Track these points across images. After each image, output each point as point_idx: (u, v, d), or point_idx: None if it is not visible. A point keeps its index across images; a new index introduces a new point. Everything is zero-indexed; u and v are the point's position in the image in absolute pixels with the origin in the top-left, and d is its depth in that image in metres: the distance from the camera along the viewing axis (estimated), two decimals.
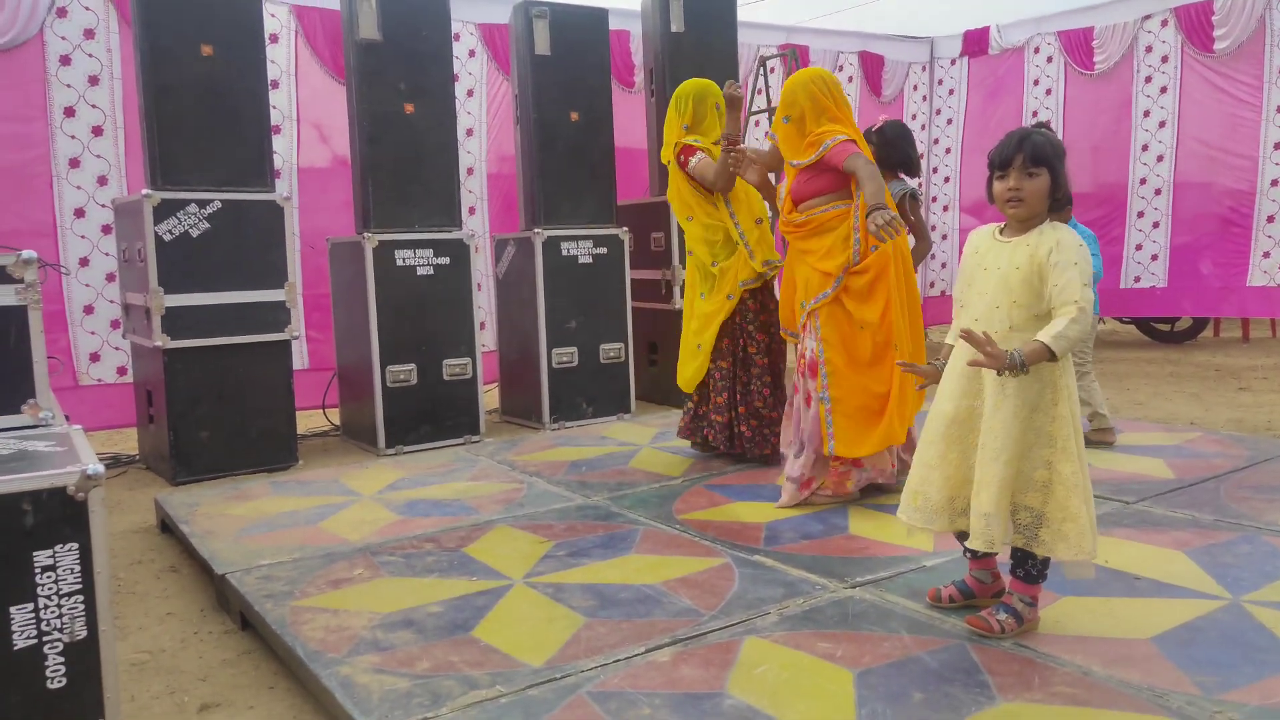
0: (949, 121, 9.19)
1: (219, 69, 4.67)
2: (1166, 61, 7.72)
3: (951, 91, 9.14)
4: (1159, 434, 4.64)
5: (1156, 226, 7.89)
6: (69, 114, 5.39)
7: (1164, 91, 7.76)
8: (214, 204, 4.63)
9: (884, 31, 8.97)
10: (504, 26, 6.52)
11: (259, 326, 4.77)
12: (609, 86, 5.99)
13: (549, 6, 5.63)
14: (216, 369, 4.69)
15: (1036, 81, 8.52)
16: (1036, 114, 8.47)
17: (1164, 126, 7.79)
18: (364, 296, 5.11)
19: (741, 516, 3.52)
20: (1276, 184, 7.25)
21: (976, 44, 8.90)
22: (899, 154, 4.08)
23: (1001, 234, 2.42)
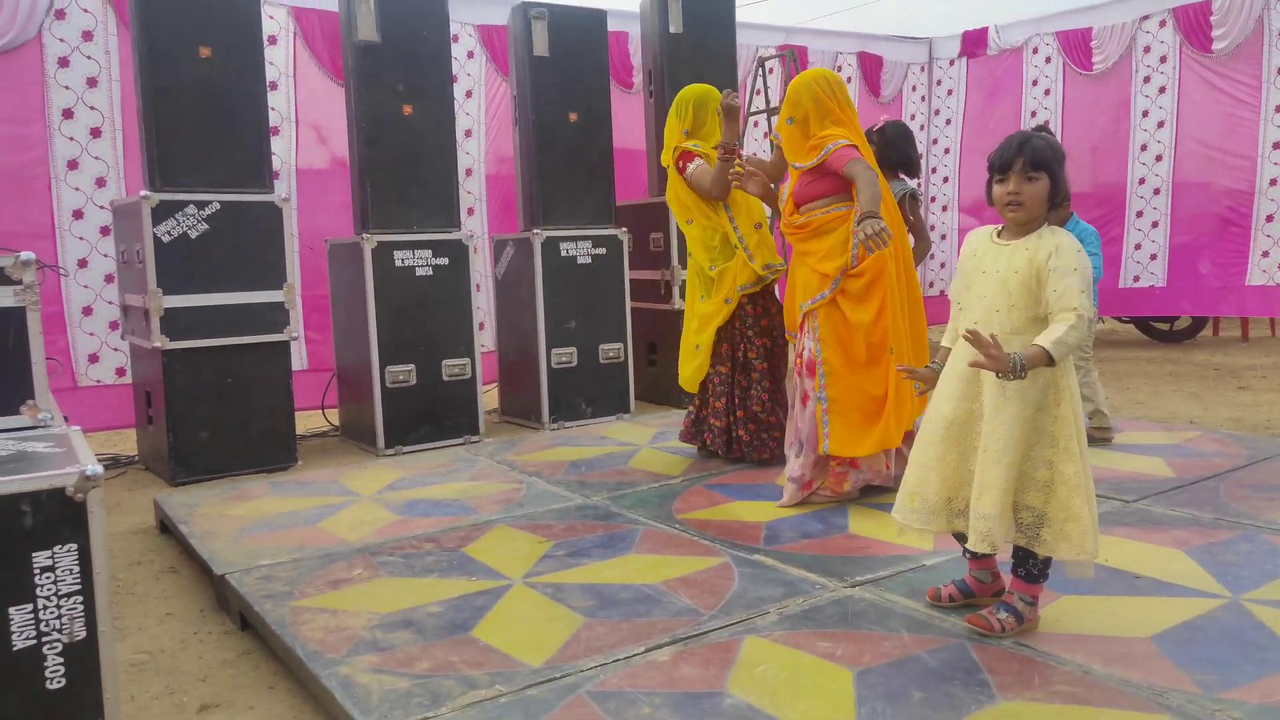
0: (948, 122, 9.20)
1: (217, 71, 4.67)
2: (1165, 61, 7.73)
3: (950, 92, 9.15)
4: (1158, 433, 4.64)
5: (1155, 226, 7.90)
6: (67, 116, 5.39)
7: (1163, 91, 7.77)
8: (212, 205, 4.63)
9: (882, 32, 8.98)
10: (502, 28, 6.52)
11: (258, 327, 4.77)
12: (607, 87, 5.99)
13: (547, 8, 5.64)
14: (215, 370, 4.69)
15: (1035, 82, 8.52)
16: (1035, 114, 8.48)
17: (1163, 126, 7.80)
18: (363, 297, 5.11)
19: (741, 516, 3.52)
20: (1275, 183, 7.26)
21: (975, 44, 8.91)
22: (899, 154, 4.09)
23: (999, 236, 2.42)
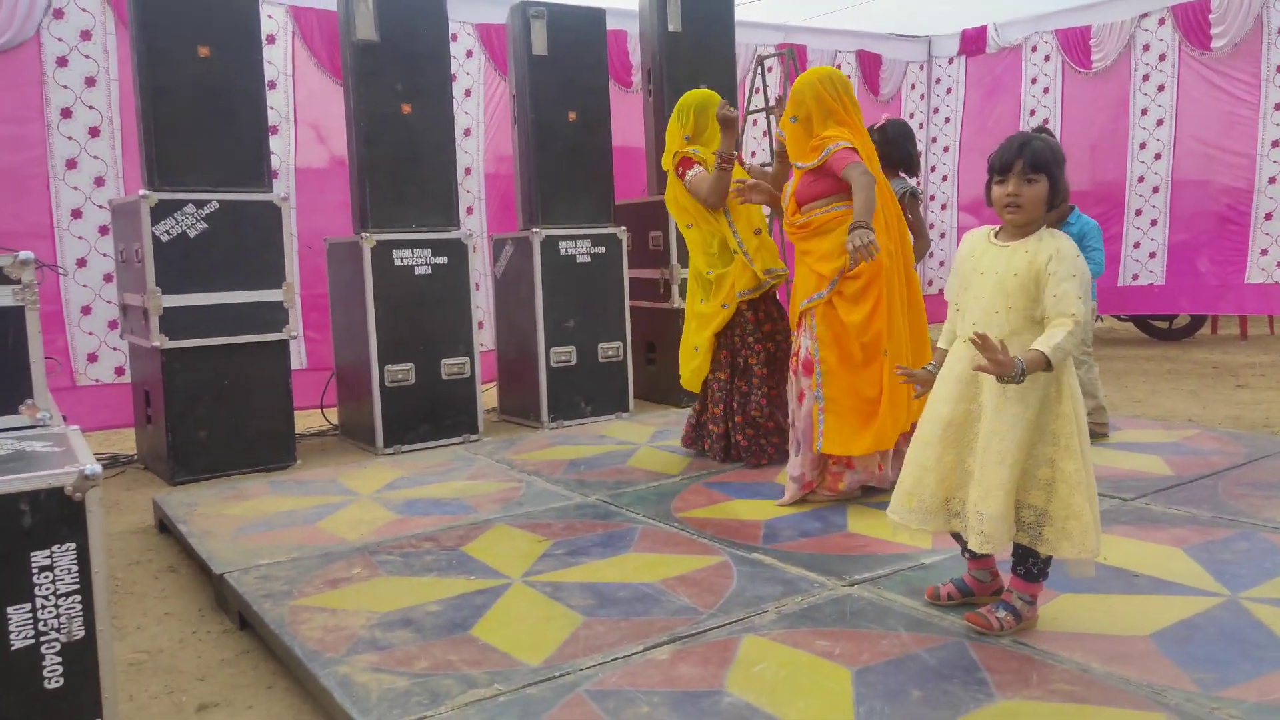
0: (947, 120, 9.20)
1: (216, 70, 4.66)
2: (1164, 60, 7.73)
3: (949, 90, 9.15)
4: (1157, 431, 4.65)
5: (1154, 224, 7.90)
6: (66, 115, 5.39)
7: (1161, 90, 7.77)
8: (211, 204, 4.63)
9: (881, 31, 8.98)
10: (501, 27, 6.52)
11: (257, 326, 4.77)
12: (606, 86, 5.99)
13: (546, 7, 5.63)
14: (214, 369, 4.69)
15: (1034, 80, 8.52)
16: (1034, 112, 8.47)
17: (1162, 125, 7.80)
18: (362, 296, 5.11)
19: (740, 514, 3.53)
20: (1274, 181, 7.26)
21: (974, 43, 8.91)
22: (900, 152, 4.10)
23: (997, 237, 2.42)
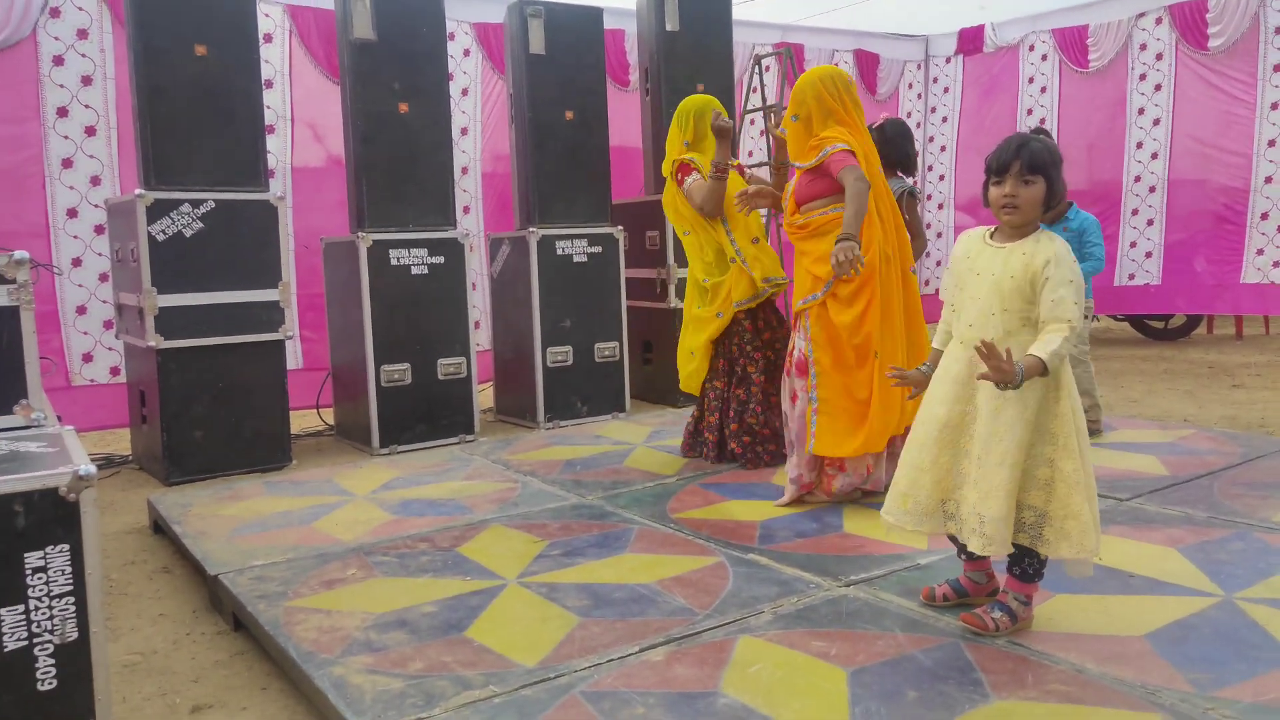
0: (944, 119, 9.21)
1: (213, 69, 4.66)
2: (1161, 59, 7.74)
3: (947, 90, 9.16)
4: (1153, 431, 4.65)
5: (1151, 224, 7.91)
6: (62, 114, 5.38)
7: (1158, 89, 7.77)
8: (207, 204, 4.62)
9: (879, 30, 8.98)
10: (499, 25, 6.51)
11: (253, 326, 4.76)
12: (604, 85, 5.98)
13: (544, 5, 5.63)
14: (210, 369, 4.68)
15: (1031, 79, 8.53)
16: (1031, 112, 8.48)
17: (1158, 124, 7.81)
18: (358, 296, 5.10)
19: (736, 515, 3.52)
20: (1270, 181, 7.27)
21: (971, 42, 8.92)
22: (898, 152, 4.10)
23: (992, 238, 2.41)
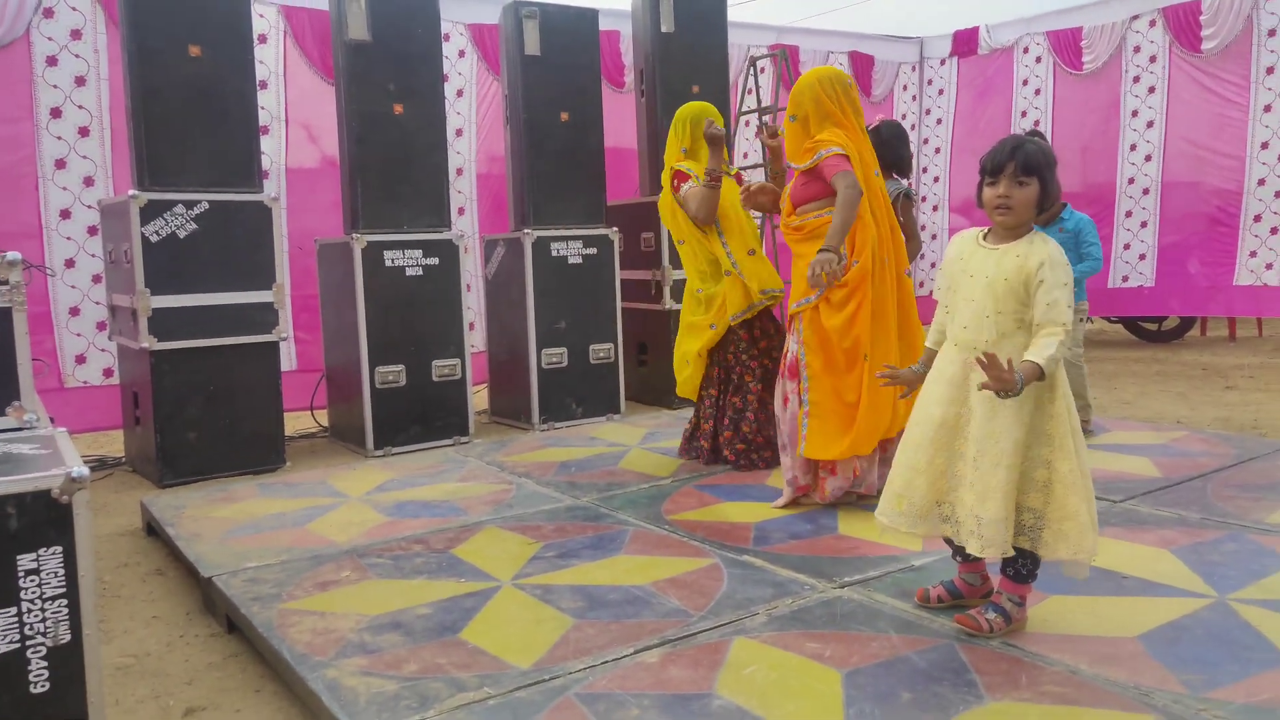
0: (939, 121, 9.22)
1: (207, 70, 4.65)
2: (1154, 61, 7.76)
3: (941, 91, 9.17)
4: (1146, 433, 4.66)
5: (1144, 226, 7.93)
6: (55, 115, 5.37)
7: (1152, 91, 7.80)
8: (201, 205, 4.61)
9: (874, 31, 9.00)
10: (494, 27, 6.51)
11: (247, 328, 4.75)
12: (599, 87, 5.99)
13: (539, 7, 5.63)
14: (204, 371, 4.67)
15: (1025, 81, 8.55)
16: (1025, 114, 8.50)
17: (1152, 126, 7.83)
18: (353, 297, 5.10)
19: (730, 517, 3.52)
20: (1263, 183, 7.29)
21: (966, 44, 8.93)
22: (893, 154, 4.11)
23: (986, 239, 2.42)
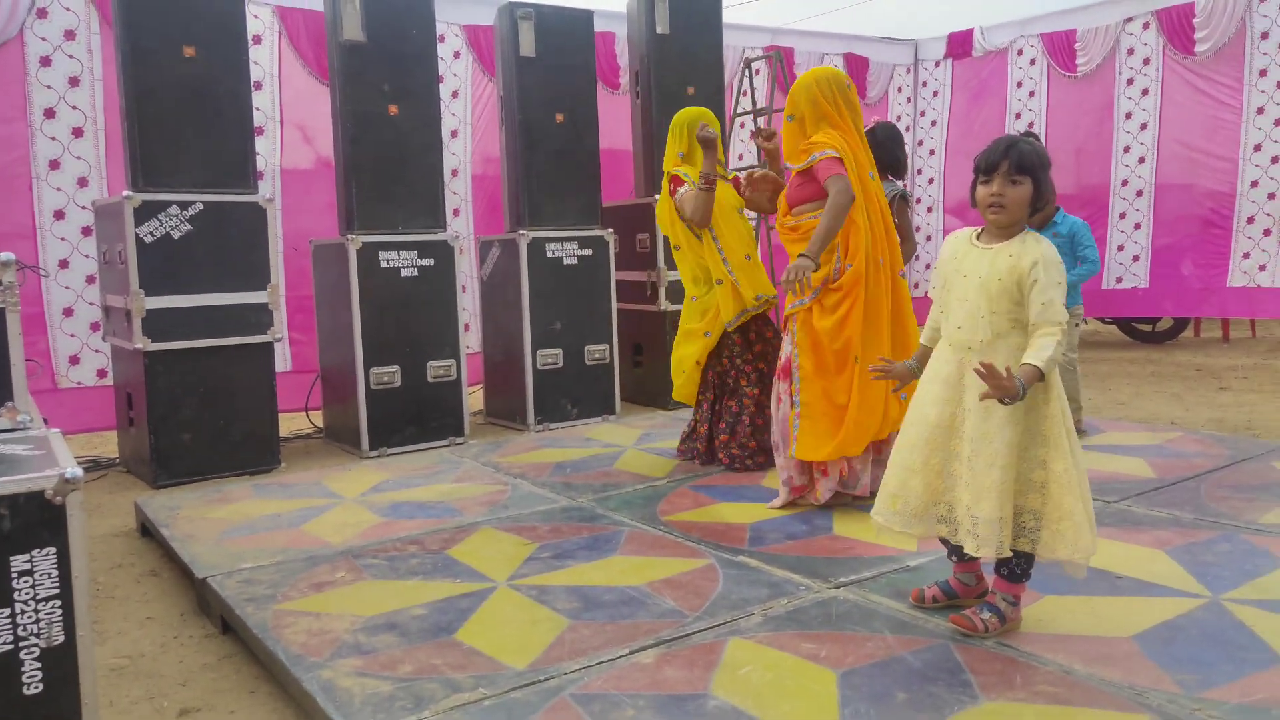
0: (933, 123, 9.24)
1: (201, 70, 4.64)
2: (1148, 64, 7.78)
3: (936, 93, 9.18)
4: (1140, 433, 4.67)
5: (1138, 228, 7.95)
6: (49, 115, 5.35)
7: (1145, 94, 7.82)
8: (196, 206, 4.60)
9: (869, 33, 9.01)
10: (489, 28, 6.51)
11: (241, 329, 4.74)
12: (594, 88, 5.99)
13: (534, 8, 5.63)
14: (198, 371, 4.66)
15: (1020, 84, 8.56)
16: (1019, 116, 8.52)
17: (1145, 128, 7.85)
18: (347, 298, 5.09)
19: (726, 517, 3.53)
20: (1256, 185, 7.32)
21: (960, 46, 8.95)
22: (888, 156, 4.11)
23: (979, 239, 2.42)
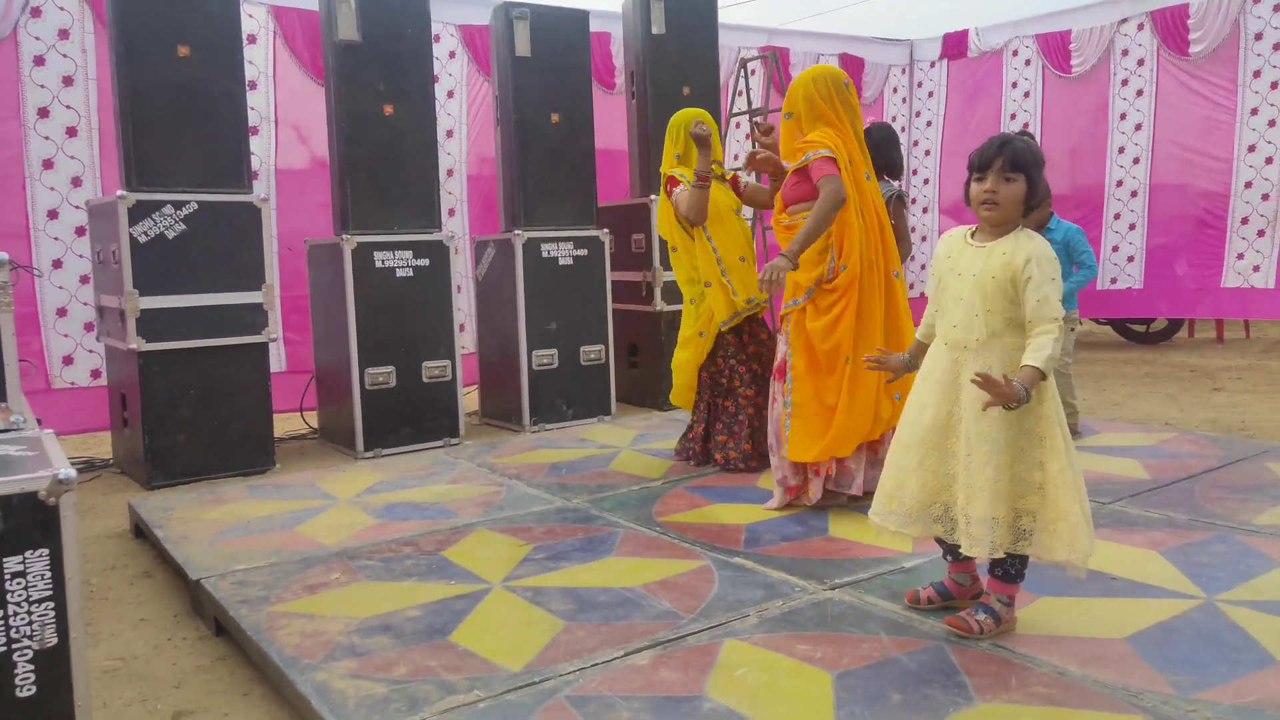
0: (928, 124, 9.24)
1: (196, 70, 4.63)
2: (1143, 64, 7.80)
3: (931, 94, 9.19)
4: (1135, 434, 4.68)
5: (1133, 228, 7.96)
6: (43, 115, 5.33)
7: (1140, 94, 7.83)
8: (190, 205, 4.59)
9: (864, 34, 9.02)
10: (484, 28, 6.50)
11: (236, 329, 4.73)
12: (590, 88, 5.98)
13: (529, 8, 5.62)
14: (192, 372, 4.65)
15: (1015, 84, 8.57)
16: (1014, 116, 8.53)
17: (1140, 129, 7.86)
18: (342, 298, 5.08)
19: (721, 518, 3.53)
20: (1251, 186, 7.33)
21: (955, 47, 8.96)
22: (884, 157, 4.11)
23: (974, 238, 2.42)
